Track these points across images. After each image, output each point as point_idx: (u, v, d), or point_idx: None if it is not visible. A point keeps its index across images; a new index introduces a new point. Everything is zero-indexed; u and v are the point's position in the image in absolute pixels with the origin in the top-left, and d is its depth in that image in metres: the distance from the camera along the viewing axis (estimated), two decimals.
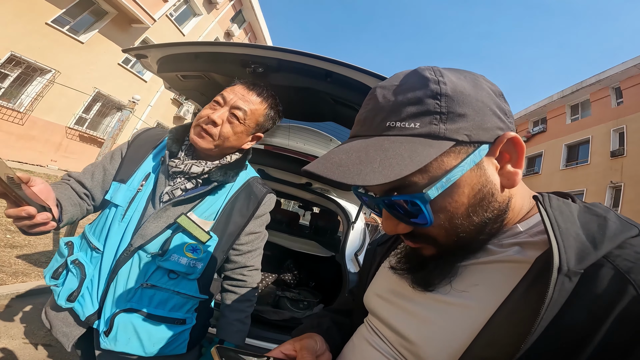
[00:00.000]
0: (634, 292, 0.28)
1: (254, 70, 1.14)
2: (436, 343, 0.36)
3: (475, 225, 0.36)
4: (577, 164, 13.16)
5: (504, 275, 0.35)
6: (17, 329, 1.92)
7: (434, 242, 0.38)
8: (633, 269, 0.30)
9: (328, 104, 1.31)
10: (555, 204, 0.35)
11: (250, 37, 15.61)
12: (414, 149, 0.33)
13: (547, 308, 0.29)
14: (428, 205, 0.34)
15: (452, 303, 0.37)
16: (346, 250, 1.72)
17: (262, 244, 1.01)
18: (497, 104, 0.36)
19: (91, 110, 9.51)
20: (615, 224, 0.33)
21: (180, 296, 0.82)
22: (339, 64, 1.04)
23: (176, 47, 1.21)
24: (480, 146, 0.35)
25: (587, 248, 0.31)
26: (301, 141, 2.32)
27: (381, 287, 0.49)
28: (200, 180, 0.85)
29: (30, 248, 3.17)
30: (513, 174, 0.37)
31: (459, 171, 0.34)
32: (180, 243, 0.80)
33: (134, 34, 9.78)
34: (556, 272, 0.29)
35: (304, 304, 1.82)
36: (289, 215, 2.92)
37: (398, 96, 0.35)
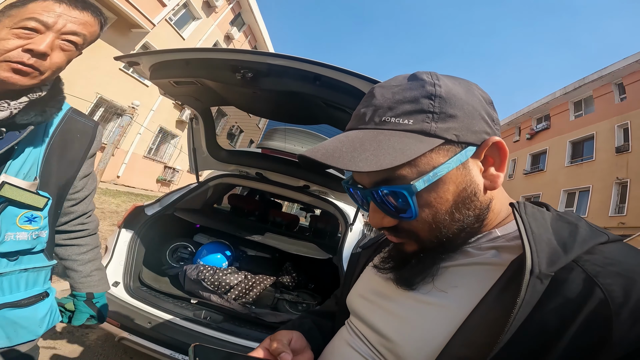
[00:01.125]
0: (601, 295, 0.30)
1: (243, 76, 1.14)
2: (415, 342, 0.37)
3: (457, 222, 0.38)
4: (582, 161, 13.06)
5: (481, 277, 0.37)
6: None
7: (417, 237, 0.39)
8: (601, 273, 0.31)
9: (320, 107, 1.30)
10: (530, 211, 0.37)
11: (251, 39, 15.65)
12: (406, 142, 0.35)
13: (519, 309, 0.30)
14: (414, 197, 0.36)
15: (431, 303, 0.38)
16: (343, 252, 1.72)
17: (95, 184, 0.89)
18: (486, 111, 0.39)
19: (94, 116, 9.59)
20: (586, 231, 0.35)
21: (30, 272, 0.72)
22: (328, 67, 1.03)
23: (166, 54, 1.21)
24: (467, 147, 0.37)
25: (558, 252, 0.32)
26: (298, 143, 2.32)
27: (364, 288, 0.50)
28: (3, 128, 0.63)
29: None
30: (495, 177, 0.39)
31: (446, 168, 0.36)
32: (10, 217, 0.65)
33: (134, 39, 9.86)
34: (528, 274, 0.31)
35: (302, 306, 1.83)
36: (288, 217, 2.92)
37: (395, 95, 0.38)
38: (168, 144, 13.12)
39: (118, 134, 3.03)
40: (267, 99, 1.43)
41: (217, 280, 1.74)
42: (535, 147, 15.63)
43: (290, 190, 2.27)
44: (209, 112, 2.02)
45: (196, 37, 12.23)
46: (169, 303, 1.59)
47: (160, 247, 2.17)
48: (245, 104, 1.67)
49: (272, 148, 2.33)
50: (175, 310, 1.52)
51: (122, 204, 7.53)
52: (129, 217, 1.85)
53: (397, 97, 0.37)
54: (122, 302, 1.55)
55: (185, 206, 2.17)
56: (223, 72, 1.19)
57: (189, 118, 2.05)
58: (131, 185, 11.38)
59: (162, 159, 12.93)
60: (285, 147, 2.34)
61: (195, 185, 2.24)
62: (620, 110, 11.80)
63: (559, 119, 14.56)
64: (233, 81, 1.20)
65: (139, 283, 1.74)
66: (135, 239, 1.82)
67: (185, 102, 1.77)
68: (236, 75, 1.16)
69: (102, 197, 7.52)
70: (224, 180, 2.31)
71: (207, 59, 1.19)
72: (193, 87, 1.50)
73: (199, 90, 1.57)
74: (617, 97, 12.08)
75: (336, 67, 1.01)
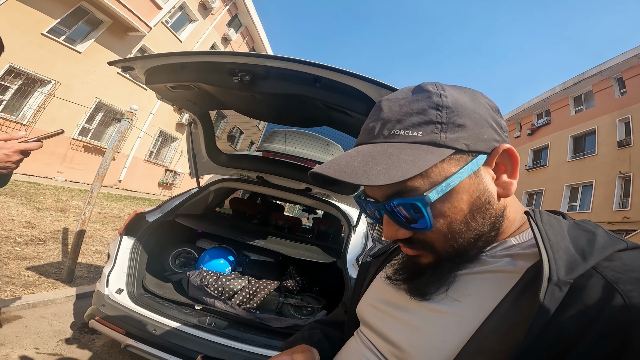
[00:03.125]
0: (621, 301, 0.29)
1: (241, 79, 1.12)
2: (426, 351, 0.37)
3: (472, 231, 0.37)
4: (584, 156, 13.07)
5: (496, 284, 0.37)
6: (29, 339, 1.94)
7: (432, 248, 0.39)
8: (621, 279, 0.31)
9: (320, 109, 1.28)
10: (546, 219, 0.37)
11: (248, 41, 15.63)
12: (417, 154, 0.35)
13: (537, 316, 0.30)
14: (428, 208, 0.35)
15: (443, 311, 0.38)
16: (347, 255, 1.70)
17: None
18: (494, 118, 0.39)
19: (94, 120, 9.61)
20: (604, 238, 0.35)
21: None
22: (328, 68, 1.01)
23: (161, 58, 1.19)
24: (478, 155, 0.37)
25: (577, 260, 0.32)
26: (299, 146, 2.30)
27: (375, 298, 0.50)
28: None
29: (39, 260, 3.20)
30: (508, 184, 0.39)
31: (458, 177, 0.36)
32: None
33: (131, 42, 9.84)
34: (546, 281, 0.30)
35: (307, 310, 1.81)
36: (291, 220, 2.90)
37: (403, 107, 0.38)
38: (168, 147, 13.13)
39: (117, 139, 3.01)
40: (267, 102, 1.41)
41: (221, 285, 1.72)
42: (536, 143, 15.68)
43: (292, 193, 2.25)
44: (207, 116, 2.00)
45: (193, 39, 12.21)
46: (173, 310, 1.57)
47: (163, 253, 2.15)
48: (244, 107, 1.65)
49: (272, 151, 2.31)
50: (180, 317, 1.51)
51: (125, 208, 7.53)
52: (130, 224, 1.84)
53: (404, 110, 0.38)
54: (127, 309, 1.54)
55: (187, 211, 2.15)
56: (220, 75, 1.17)
57: (187, 122, 2.03)
58: (133, 189, 11.39)
59: (163, 162, 12.94)
60: (285, 149, 2.32)
61: (196, 190, 2.22)
62: (621, 105, 11.81)
63: (559, 114, 14.60)
64: (231, 85, 1.18)
65: (142, 290, 1.73)
66: (137, 246, 1.81)
67: (183, 107, 1.75)
68: (234, 78, 1.14)
69: (104, 201, 7.52)
70: (225, 184, 2.29)
71: (204, 63, 1.17)
72: (190, 91, 1.48)
73: (196, 95, 1.55)
74: (617, 92, 12.16)
75: (336, 68, 0.99)
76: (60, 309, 2.42)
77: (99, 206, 6.77)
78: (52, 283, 2.70)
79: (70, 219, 5.05)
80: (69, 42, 8.26)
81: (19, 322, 2.11)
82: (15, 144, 0.70)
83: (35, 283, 2.62)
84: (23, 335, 1.97)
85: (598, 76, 12.60)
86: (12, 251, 3.20)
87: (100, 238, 4.59)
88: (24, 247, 3.40)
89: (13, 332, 1.97)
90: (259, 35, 15.53)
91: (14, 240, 3.50)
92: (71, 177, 9.01)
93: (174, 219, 1.99)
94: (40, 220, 4.54)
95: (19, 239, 3.56)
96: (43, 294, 2.47)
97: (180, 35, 11.67)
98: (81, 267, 3.20)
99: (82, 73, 8.51)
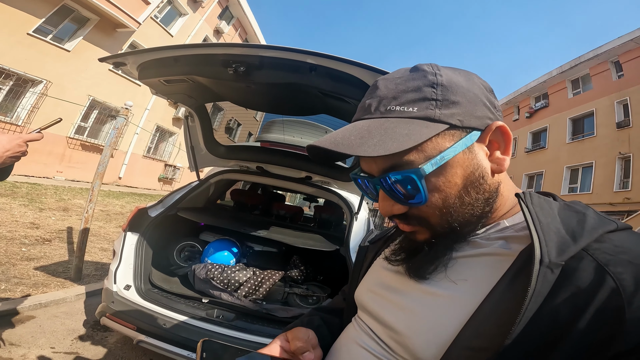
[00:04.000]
0: (612, 284, 0.30)
1: (235, 70, 1.10)
2: (425, 334, 0.37)
3: (467, 206, 0.38)
4: (583, 137, 13.19)
5: (490, 267, 0.37)
6: (45, 338, 1.98)
7: (427, 223, 0.39)
8: (612, 261, 0.31)
9: (317, 97, 1.26)
10: (536, 201, 0.37)
11: (241, 32, 15.32)
12: (412, 128, 0.36)
13: (531, 299, 0.30)
14: (423, 180, 0.36)
15: (440, 295, 0.38)
16: (350, 242, 1.71)
17: None
18: (487, 98, 0.40)
19: (89, 118, 9.53)
20: (594, 219, 0.35)
21: None
22: (323, 56, 0.99)
23: (153, 53, 1.16)
24: (471, 132, 0.38)
25: (567, 241, 0.32)
26: (297, 134, 2.28)
27: (373, 282, 0.50)
28: None
29: (47, 259, 3.24)
30: (502, 160, 0.40)
31: (452, 151, 0.36)
32: None
33: (121, 39, 9.67)
34: (538, 264, 0.31)
35: (313, 299, 1.84)
36: (292, 209, 2.91)
37: (399, 85, 0.39)
38: (166, 142, 13.06)
39: (114, 136, 2.98)
40: (263, 92, 1.38)
41: (226, 278, 1.74)
42: (535, 125, 15.80)
43: (293, 182, 2.25)
44: (203, 109, 1.98)
45: (185, 33, 12.00)
46: (181, 304, 1.60)
47: (168, 247, 2.17)
48: (240, 98, 1.62)
49: (271, 141, 2.30)
50: (188, 311, 1.53)
51: (127, 204, 7.56)
52: (133, 220, 1.85)
53: (400, 88, 0.38)
54: (136, 305, 1.57)
55: (188, 205, 2.16)
56: (214, 67, 1.15)
57: (184, 116, 2.00)
58: (133, 186, 11.41)
59: (161, 157, 12.91)
60: (284, 138, 2.30)
61: (197, 184, 2.22)
62: (619, 87, 11.88)
63: (557, 97, 14.69)
64: (225, 76, 1.15)
65: (150, 285, 1.75)
66: (142, 241, 1.82)
67: (178, 100, 1.73)
68: (228, 70, 1.12)
69: (106, 199, 7.55)
70: (225, 176, 2.29)
71: (197, 55, 1.14)
72: (185, 84, 1.45)
73: (191, 88, 1.53)
74: (615, 75, 12.28)
75: (331, 55, 0.96)
76: (72, 307, 2.46)
77: (101, 204, 6.79)
78: (61, 282, 2.73)
79: (73, 217, 5.08)
80: (56, 41, 8.13)
81: (33, 322, 2.14)
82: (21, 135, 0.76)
83: (45, 283, 2.66)
84: (38, 335, 2.00)
85: (595, 60, 12.70)
86: (19, 252, 3.23)
87: (105, 235, 4.63)
88: (30, 247, 3.43)
89: (28, 333, 2.00)
90: (252, 26, 15.24)
91: (19, 242, 3.52)
92: (71, 176, 9.01)
93: (176, 213, 2.00)
94: (43, 220, 4.57)
95: (24, 240, 3.59)
96: (54, 293, 2.51)
97: (170, 30, 11.47)
98: (88, 265, 3.24)
99: (73, 71, 8.40)
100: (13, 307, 2.15)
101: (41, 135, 0.79)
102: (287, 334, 0.49)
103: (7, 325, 2.03)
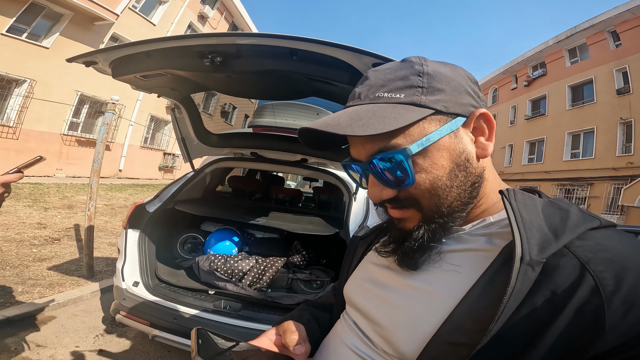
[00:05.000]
0: (592, 283, 0.29)
1: (212, 61, 1.04)
2: (406, 327, 0.38)
3: (455, 188, 0.39)
4: (583, 104, 13.30)
5: (473, 263, 0.38)
6: (68, 338, 2.06)
7: (418, 205, 0.40)
8: (592, 259, 0.31)
9: (302, 81, 1.20)
10: (520, 198, 0.37)
11: (226, 15, 14.61)
12: (399, 112, 0.37)
13: (510, 297, 0.30)
14: (410, 160, 0.37)
15: (422, 289, 0.39)
16: (350, 225, 1.71)
17: None
18: (472, 88, 0.41)
19: (80, 114, 9.37)
20: (577, 216, 0.35)
21: None
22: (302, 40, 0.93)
23: (123, 49, 1.09)
24: (456, 117, 0.39)
25: (549, 238, 0.32)
26: (289, 117, 2.22)
27: (361, 277, 0.51)
28: None
29: (58, 259, 3.32)
30: (485, 145, 0.41)
31: (437, 134, 0.38)
32: None
33: (100, 32, 9.33)
34: (518, 261, 0.31)
35: (317, 283, 1.87)
36: (291, 192, 2.90)
37: (387, 75, 0.41)
38: (162, 131, 12.92)
39: (104, 132, 2.93)
40: (246, 80, 1.32)
41: (230, 268, 1.77)
42: (534, 93, 15.91)
43: (289, 166, 2.22)
44: (190, 100, 1.91)
45: (167, 20, 11.55)
46: (188, 297, 1.64)
47: (170, 241, 2.20)
48: (225, 87, 1.55)
49: (263, 125, 2.24)
50: (196, 303, 1.58)
51: (130, 197, 7.62)
52: (132, 217, 1.85)
53: (389, 77, 0.40)
54: (146, 301, 1.61)
55: (186, 197, 2.15)
56: (189, 59, 1.08)
57: (170, 108, 1.94)
58: (134, 177, 11.44)
59: (159, 146, 12.84)
60: (275, 122, 2.24)
61: (192, 175, 2.20)
62: (617, 56, 11.96)
63: (554, 65, 14.81)
64: (203, 68, 1.09)
65: (157, 280, 1.79)
66: (144, 237, 1.84)
67: (161, 94, 1.66)
68: (204, 61, 1.06)
69: (109, 193, 7.60)
70: (220, 164, 2.26)
71: (170, 49, 1.07)
72: (164, 78, 1.39)
73: (171, 80, 1.46)
74: (612, 44, 12.34)
75: (311, 39, 0.90)
76: (89, 305, 2.54)
77: (104, 198, 6.85)
78: (75, 280, 2.81)
79: (79, 214, 5.14)
80: (33, 38, 7.89)
81: (55, 322, 2.22)
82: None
83: (60, 282, 2.73)
84: (61, 334, 2.08)
85: (591, 29, 12.81)
86: (30, 253, 3.30)
87: (112, 230, 4.70)
88: (40, 248, 3.50)
89: (52, 333, 2.08)
90: (237, 8, 14.55)
91: (29, 243, 3.59)
92: (71, 172, 9.04)
93: (173, 206, 2.00)
94: (50, 219, 4.63)
95: (33, 241, 3.65)
96: (70, 292, 2.58)
97: (152, 19, 11.02)
98: (99, 261, 3.32)
99: (56, 68, 8.17)
100: (34, 309, 2.23)
101: (21, 175, 0.76)
102: (278, 328, 0.50)
103: (31, 327, 2.10)
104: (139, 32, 10.46)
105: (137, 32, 10.41)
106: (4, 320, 2.02)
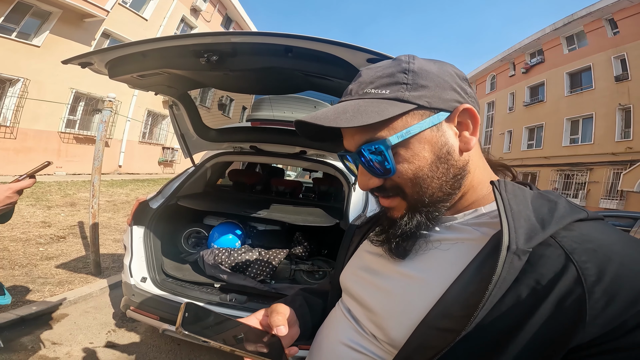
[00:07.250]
0: (575, 273, 0.30)
1: (208, 60, 1.04)
2: (396, 314, 0.40)
3: (437, 179, 0.41)
4: (581, 90, 13.34)
5: (462, 252, 0.39)
6: (82, 334, 2.11)
7: (403, 193, 0.42)
8: (577, 250, 0.32)
9: (299, 77, 1.21)
10: (510, 189, 0.38)
11: (220, 8, 14.26)
12: (383, 107, 0.40)
13: (496, 285, 0.31)
14: (390, 151, 0.39)
15: (413, 277, 0.41)
16: (349, 215, 1.74)
17: None
18: (459, 84, 0.43)
19: (77, 111, 9.31)
20: (565, 208, 0.36)
21: None
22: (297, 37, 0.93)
23: (119, 50, 1.10)
24: (439, 112, 0.41)
25: (536, 228, 0.33)
26: (287, 110, 2.22)
27: (356, 266, 0.53)
28: None
29: (65, 257, 3.37)
30: (469, 140, 0.42)
31: (418, 127, 0.40)
32: None
33: (91, 29, 9.16)
34: (505, 250, 0.32)
35: (319, 274, 1.92)
36: (291, 184, 2.93)
37: (377, 73, 0.43)
38: (160, 125, 12.84)
39: (103, 129, 2.94)
40: (243, 77, 1.32)
41: (234, 261, 1.82)
42: (532, 80, 15.92)
43: (288, 159, 2.24)
44: (187, 96, 1.91)
45: (159, 15, 11.31)
46: (195, 290, 1.69)
47: (174, 236, 2.24)
48: (222, 84, 1.56)
49: (261, 119, 2.25)
50: (203, 297, 1.63)
51: (131, 192, 7.66)
52: (137, 213, 1.88)
53: (377, 74, 0.43)
54: (155, 296, 1.66)
55: (187, 192, 2.18)
56: (186, 59, 1.09)
57: (168, 105, 1.94)
58: (134, 172, 11.46)
59: (157, 141, 12.78)
60: (273, 115, 2.24)
61: (192, 170, 2.22)
62: (615, 43, 11.96)
63: (552, 52, 14.82)
64: (199, 67, 1.10)
65: (164, 275, 1.84)
66: (149, 233, 1.88)
67: (158, 92, 1.67)
68: (200, 60, 1.06)
69: (110, 189, 7.64)
70: (220, 159, 2.28)
71: (165, 48, 1.08)
72: (161, 76, 1.39)
73: (169, 79, 1.47)
74: (610, 32, 12.35)
75: (306, 36, 0.90)
76: (99, 301, 2.60)
77: (106, 194, 6.89)
78: (83, 277, 2.87)
79: (82, 212, 5.18)
80: (22, 37, 7.78)
81: (67, 319, 2.27)
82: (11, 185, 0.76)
83: (69, 280, 2.78)
84: (75, 332, 2.13)
85: (588, 17, 12.84)
86: (37, 252, 3.35)
87: (115, 226, 4.75)
88: (46, 246, 3.55)
89: (66, 330, 2.13)
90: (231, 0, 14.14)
91: (35, 242, 3.63)
92: (71, 170, 9.04)
93: (176, 202, 2.03)
94: (54, 217, 4.68)
95: (39, 240, 3.70)
96: (80, 289, 2.63)
97: (143, 14, 10.78)
98: (105, 258, 3.37)
99: (49, 67, 8.07)
100: (47, 307, 2.28)
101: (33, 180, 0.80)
102: (267, 309, 0.52)
103: (45, 325, 2.16)
104: (130, 27, 10.27)
105: (129, 27, 10.22)
106: (19, 319, 2.08)
